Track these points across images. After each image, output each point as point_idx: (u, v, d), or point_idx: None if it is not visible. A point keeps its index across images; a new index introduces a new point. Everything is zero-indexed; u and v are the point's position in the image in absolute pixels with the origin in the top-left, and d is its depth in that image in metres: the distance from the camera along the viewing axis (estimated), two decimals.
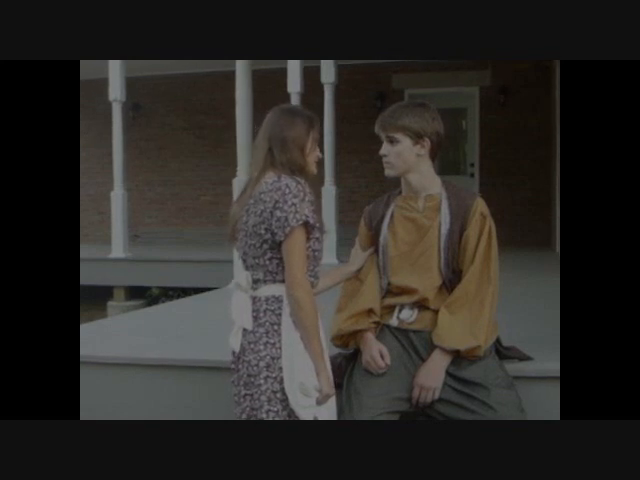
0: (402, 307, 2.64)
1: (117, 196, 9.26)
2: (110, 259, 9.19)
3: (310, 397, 2.18)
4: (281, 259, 2.23)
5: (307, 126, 2.33)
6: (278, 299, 2.25)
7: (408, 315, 2.62)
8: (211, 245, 10.25)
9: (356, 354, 2.68)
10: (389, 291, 2.68)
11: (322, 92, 8.45)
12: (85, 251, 8.12)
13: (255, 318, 2.26)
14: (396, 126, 2.57)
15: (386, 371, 2.55)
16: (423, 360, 2.56)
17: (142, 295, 9.37)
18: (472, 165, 10.93)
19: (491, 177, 10.52)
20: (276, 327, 2.23)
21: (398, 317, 2.64)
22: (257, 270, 2.27)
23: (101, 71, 8.85)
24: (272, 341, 2.22)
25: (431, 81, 10.57)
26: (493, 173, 10.51)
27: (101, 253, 9.31)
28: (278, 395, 2.20)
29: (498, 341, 2.70)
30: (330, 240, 8.31)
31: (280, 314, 2.23)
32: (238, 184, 5.79)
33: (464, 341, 2.48)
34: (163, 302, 8.42)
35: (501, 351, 2.70)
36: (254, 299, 2.27)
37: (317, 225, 2.26)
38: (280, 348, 2.21)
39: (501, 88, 10.44)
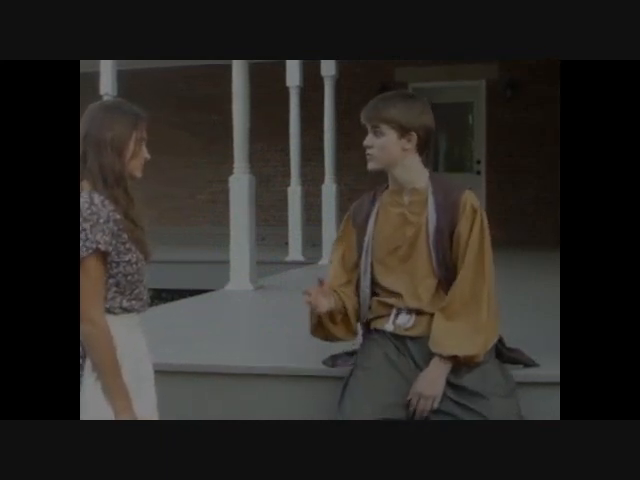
0: (399, 311, 2.56)
1: None
2: None
3: None
4: None
5: (129, 125, 2.10)
6: None
7: (406, 320, 2.54)
8: (207, 245, 10.22)
9: (353, 354, 2.71)
10: (380, 293, 2.61)
11: (322, 86, 8.45)
12: None
13: None
14: (381, 118, 2.50)
15: (380, 374, 2.50)
16: (419, 368, 2.49)
17: None
18: (478, 162, 10.92)
19: (498, 175, 10.53)
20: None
21: (394, 322, 2.55)
22: None
23: (92, 64, 8.86)
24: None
25: (436, 74, 10.56)
26: (500, 170, 10.52)
27: None
28: None
29: (501, 342, 2.65)
30: (330, 240, 8.36)
31: None
32: (236, 182, 5.84)
33: (462, 347, 2.42)
34: (156, 305, 8.43)
35: (504, 353, 2.66)
36: None
37: (121, 249, 2.05)
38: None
39: (508, 82, 10.44)
